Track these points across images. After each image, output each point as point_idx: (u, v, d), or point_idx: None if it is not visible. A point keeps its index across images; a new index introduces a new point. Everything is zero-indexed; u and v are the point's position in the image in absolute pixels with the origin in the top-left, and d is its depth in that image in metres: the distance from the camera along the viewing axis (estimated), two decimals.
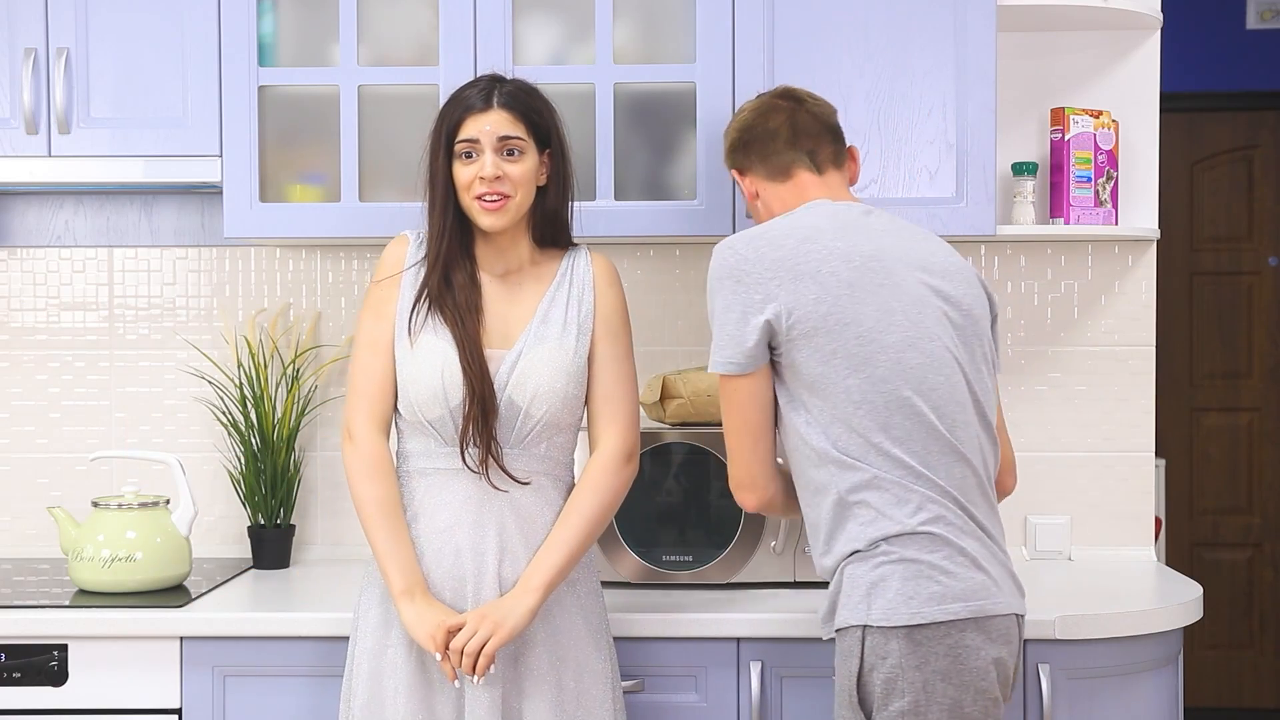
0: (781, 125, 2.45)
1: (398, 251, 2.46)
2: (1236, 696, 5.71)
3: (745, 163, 2.50)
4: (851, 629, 2.23)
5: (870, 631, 2.20)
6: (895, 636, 2.19)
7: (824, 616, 2.30)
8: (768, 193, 2.48)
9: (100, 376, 3.25)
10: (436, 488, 2.38)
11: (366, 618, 2.40)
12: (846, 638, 2.24)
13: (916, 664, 2.18)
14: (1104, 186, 3.05)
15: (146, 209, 3.25)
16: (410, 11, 2.88)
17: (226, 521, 3.24)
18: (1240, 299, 5.69)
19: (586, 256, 2.48)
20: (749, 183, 2.50)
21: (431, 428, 2.37)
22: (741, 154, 2.50)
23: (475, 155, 2.37)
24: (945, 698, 2.19)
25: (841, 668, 2.24)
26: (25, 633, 2.61)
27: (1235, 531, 5.72)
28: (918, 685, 2.18)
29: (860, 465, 2.23)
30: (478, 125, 2.37)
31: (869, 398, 2.24)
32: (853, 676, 2.22)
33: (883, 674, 2.19)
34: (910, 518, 2.21)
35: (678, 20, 2.86)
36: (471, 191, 2.37)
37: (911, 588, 2.19)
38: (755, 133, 2.48)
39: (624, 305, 2.49)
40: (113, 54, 2.88)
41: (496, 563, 2.35)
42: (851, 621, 2.22)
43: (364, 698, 2.35)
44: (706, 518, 2.79)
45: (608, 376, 2.44)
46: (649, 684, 2.60)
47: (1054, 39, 3.15)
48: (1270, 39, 5.64)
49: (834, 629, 2.27)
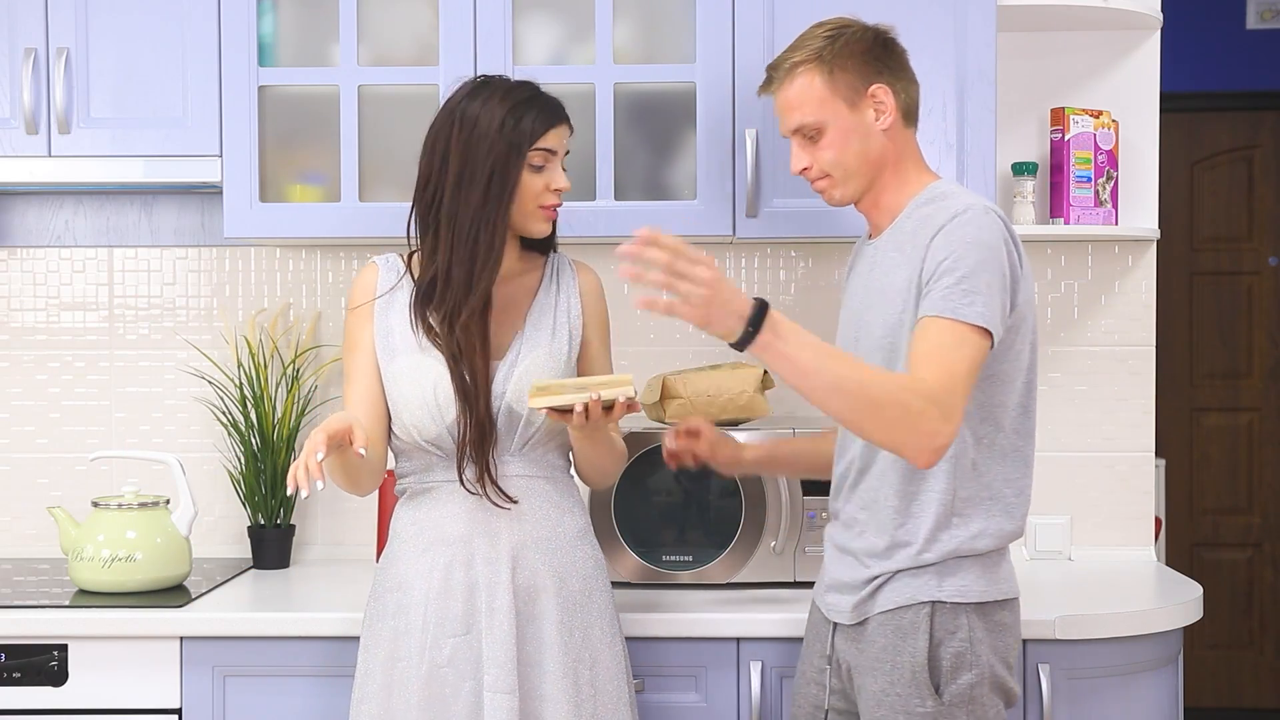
0: (908, 59, 2.29)
1: (368, 279, 2.44)
2: (1236, 696, 5.71)
3: (895, 82, 2.24)
4: (917, 605, 2.24)
5: (940, 607, 2.22)
6: (965, 612, 2.22)
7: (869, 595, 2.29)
8: (899, 130, 2.25)
9: (100, 376, 3.25)
10: (441, 501, 2.38)
11: (378, 629, 2.38)
12: (907, 614, 2.24)
13: (983, 638, 2.23)
14: (1104, 186, 3.05)
15: (146, 209, 3.25)
16: (410, 11, 2.88)
17: (226, 521, 3.24)
18: (1240, 299, 5.69)
19: (571, 266, 2.49)
20: (892, 107, 2.22)
21: (432, 446, 2.36)
22: (891, 71, 2.24)
23: (544, 168, 2.36)
24: (1001, 672, 2.25)
25: (903, 645, 2.25)
26: (25, 633, 2.61)
27: (1235, 531, 5.72)
28: (984, 661, 2.22)
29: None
30: (559, 137, 2.38)
31: (1031, 387, 2.25)
32: (921, 652, 2.23)
33: (952, 648, 2.22)
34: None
35: (678, 20, 2.87)
36: (540, 200, 2.36)
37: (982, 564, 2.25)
38: (897, 53, 2.26)
39: (606, 310, 2.52)
40: (113, 54, 2.88)
41: (510, 570, 2.34)
42: (919, 598, 2.24)
43: (376, 710, 2.35)
44: (706, 518, 2.79)
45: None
46: (649, 684, 2.60)
47: (1054, 39, 3.15)
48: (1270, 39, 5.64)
49: (892, 606, 2.27)
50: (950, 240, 2.14)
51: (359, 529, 3.23)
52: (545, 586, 2.36)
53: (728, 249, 3.20)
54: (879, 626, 2.25)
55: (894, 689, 2.22)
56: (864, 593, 2.27)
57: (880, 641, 2.24)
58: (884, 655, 2.24)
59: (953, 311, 2.09)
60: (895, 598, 2.24)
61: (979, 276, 2.11)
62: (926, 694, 2.20)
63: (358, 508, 3.23)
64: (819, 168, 2.28)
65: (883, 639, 2.24)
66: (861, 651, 2.28)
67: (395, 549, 2.40)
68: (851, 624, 2.30)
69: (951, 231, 2.14)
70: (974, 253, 2.12)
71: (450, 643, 2.32)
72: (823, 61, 2.24)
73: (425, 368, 2.34)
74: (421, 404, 2.34)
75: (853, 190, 2.29)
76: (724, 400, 2.79)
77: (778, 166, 2.82)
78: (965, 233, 2.13)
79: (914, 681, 2.21)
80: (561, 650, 2.35)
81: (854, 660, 2.30)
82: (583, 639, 2.37)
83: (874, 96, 2.25)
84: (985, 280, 2.11)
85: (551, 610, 2.35)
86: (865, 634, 2.28)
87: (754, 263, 3.20)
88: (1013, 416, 2.24)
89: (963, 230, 2.14)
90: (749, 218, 2.82)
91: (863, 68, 2.24)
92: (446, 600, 2.34)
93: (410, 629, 2.34)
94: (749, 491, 2.77)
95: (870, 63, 2.25)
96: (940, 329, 2.09)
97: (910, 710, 2.21)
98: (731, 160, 2.82)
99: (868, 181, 2.28)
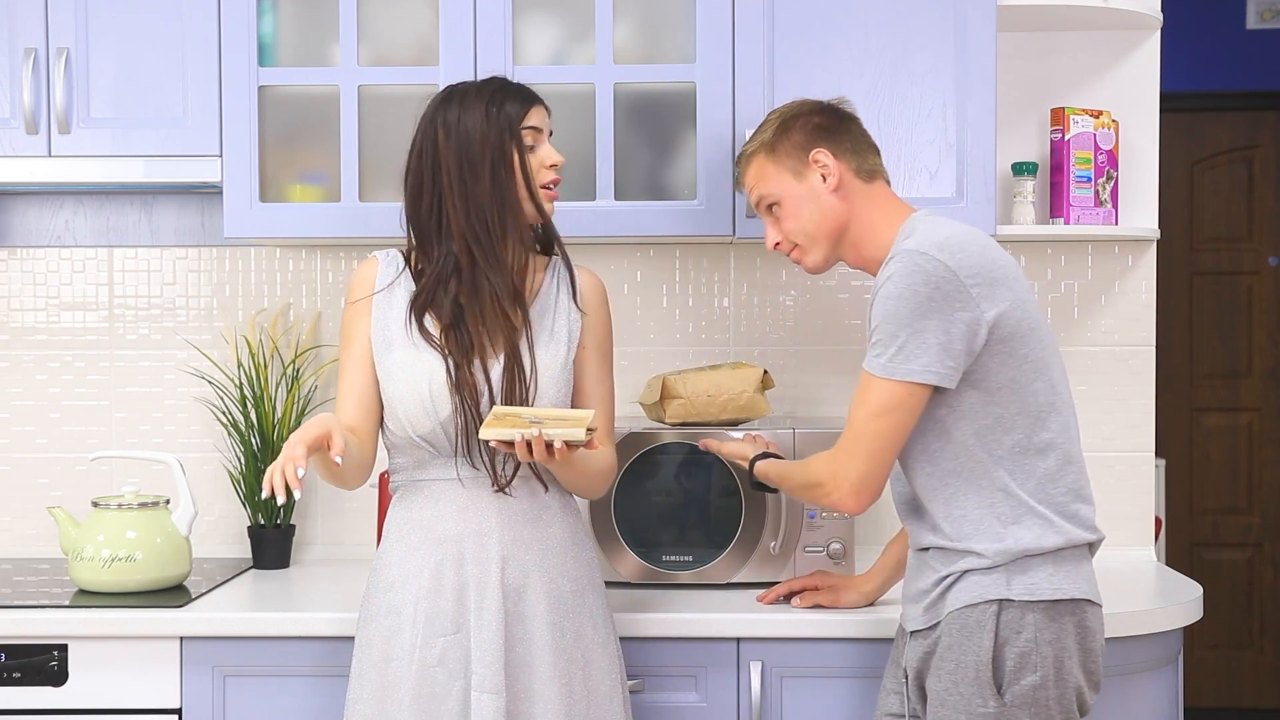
0: (859, 126, 2.45)
1: (367, 273, 2.44)
2: (1236, 696, 5.71)
3: (838, 146, 2.39)
4: (985, 603, 2.25)
5: (1007, 605, 2.24)
6: (1032, 611, 2.24)
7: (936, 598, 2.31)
8: (853, 188, 2.39)
9: (100, 376, 3.25)
10: (433, 499, 2.38)
11: (371, 630, 2.38)
12: (974, 612, 2.25)
13: (1051, 639, 2.24)
14: (1104, 186, 3.05)
15: (146, 209, 3.25)
16: (410, 11, 2.88)
17: (226, 521, 3.24)
18: (1240, 299, 5.70)
19: (575, 269, 2.48)
20: (836, 168, 2.38)
21: (424, 441, 2.37)
22: (833, 136, 2.40)
23: (536, 146, 2.39)
24: (1072, 676, 2.25)
25: (968, 644, 2.26)
26: (25, 633, 2.61)
27: (1235, 531, 5.72)
28: (1050, 663, 2.24)
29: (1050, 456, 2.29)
30: (540, 115, 2.40)
31: (1051, 400, 2.28)
32: (985, 651, 2.24)
33: (1017, 648, 2.23)
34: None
35: (678, 20, 2.87)
36: (542, 178, 2.39)
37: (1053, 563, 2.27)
38: (843, 120, 2.42)
39: (609, 320, 2.50)
40: (113, 54, 2.88)
41: (499, 570, 2.34)
42: (989, 596, 2.25)
43: (370, 711, 2.35)
44: (706, 518, 2.79)
45: (592, 393, 2.46)
46: (649, 684, 2.60)
47: (1054, 39, 3.15)
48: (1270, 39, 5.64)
49: (959, 605, 2.28)
50: (880, 304, 2.26)
51: (359, 529, 3.23)
52: (535, 587, 2.35)
53: (728, 249, 3.20)
54: (946, 626, 2.27)
55: (957, 688, 2.24)
56: (934, 594, 2.30)
57: (946, 641, 2.26)
58: (948, 654, 2.25)
59: (868, 365, 2.26)
60: (963, 596, 2.26)
61: (899, 331, 2.23)
62: (989, 694, 2.22)
63: (358, 508, 3.23)
64: (786, 239, 2.43)
65: (948, 638, 2.26)
66: (929, 653, 2.30)
67: (387, 549, 2.41)
68: (923, 628, 2.31)
69: (881, 295, 2.27)
70: (897, 307, 2.23)
71: (440, 642, 2.32)
72: (765, 145, 2.43)
73: (421, 363, 2.35)
74: (416, 399, 2.34)
75: (820, 255, 2.42)
76: (724, 400, 2.79)
77: None
78: (888, 291, 2.24)
79: (976, 680, 2.22)
80: (552, 651, 2.34)
81: (923, 664, 2.31)
82: (575, 640, 2.37)
83: (816, 161, 2.39)
84: (908, 331, 2.22)
85: (541, 611, 2.35)
86: (933, 635, 2.29)
87: (754, 263, 3.20)
88: (1038, 417, 2.27)
89: (886, 291, 2.25)
90: (749, 218, 2.81)
91: (804, 140, 2.40)
92: (436, 599, 2.34)
93: (402, 628, 2.34)
94: (748, 492, 2.77)
95: (811, 133, 2.40)
96: (861, 384, 2.29)
97: (971, 710, 2.22)
98: (731, 160, 2.82)
99: (831, 244, 2.42)
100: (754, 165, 2.44)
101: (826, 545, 2.79)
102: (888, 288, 2.24)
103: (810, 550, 2.79)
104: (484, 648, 2.31)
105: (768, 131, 2.43)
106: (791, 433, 2.78)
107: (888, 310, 2.23)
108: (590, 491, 2.46)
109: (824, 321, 3.19)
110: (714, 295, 3.21)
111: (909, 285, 2.22)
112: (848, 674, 2.59)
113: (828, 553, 2.78)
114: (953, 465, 2.28)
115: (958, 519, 2.28)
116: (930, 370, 2.21)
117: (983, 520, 2.26)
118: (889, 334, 2.23)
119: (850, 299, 3.19)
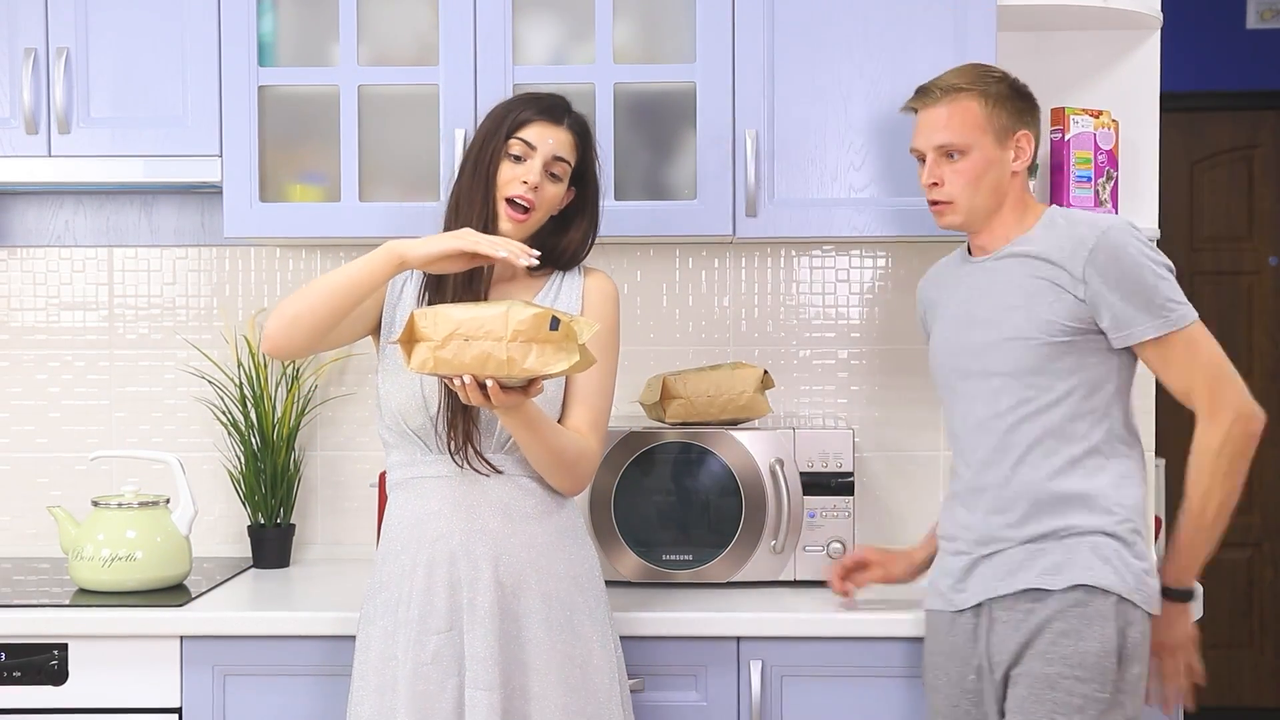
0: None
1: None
2: (1237, 696, 5.71)
3: (1035, 130, 2.46)
4: (1102, 591, 2.32)
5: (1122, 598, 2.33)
6: (1135, 604, 2.34)
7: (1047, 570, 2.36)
8: (1022, 177, 2.47)
9: (100, 376, 3.26)
10: (424, 496, 2.38)
11: (371, 629, 2.39)
12: (1095, 600, 2.31)
13: (1146, 634, 2.35)
14: (1104, 186, 3.05)
15: (146, 209, 3.25)
16: (410, 11, 2.88)
17: (226, 521, 3.24)
18: (1240, 299, 5.69)
19: (580, 271, 2.48)
20: (1029, 158, 2.45)
21: (415, 436, 2.37)
22: (1036, 125, 2.47)
23: (523, 160, 2.38)
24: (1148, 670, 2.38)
25: (1089, 631, 2.30)
26: (25, 632, 2.61)
27: (1235, 531, 5.71)
28: (1145, 656, 2.33)
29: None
30: (543, 135, 2.39)
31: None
32: (1110, 640, 2.30)
33: (1131, 639, 2.31)
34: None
35: (678, 20, 2.87)
36: (506, 192, 2.38)
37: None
38: (1037, 107, 2.48)
39: (615, 323, 2.48)
40: (113, 54, 2.88)
41: (492, 567, 2.34)
42: (1102, 583, 2.32)
43: (370, 712, 2.35)
44: (706, 517, 2.79)
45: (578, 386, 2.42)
46: (649, 683, 2.60)
47: (1054, 39, 3.15)
48: (1270, 39, 5.64)
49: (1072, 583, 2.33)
50: (1143, 273, 2.37)
51: (359, 528, 3.23)
52: (528, 584, 2.35)
53: (728, 249, 3.20)
54: (1063, 609, 2.32)
55: (1073, 673, 2.29)
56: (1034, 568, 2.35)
57: (1060, 625, 2.31)
58: (1061, 639, 2.31)
59: (1184, 320, 2.37)
60: (1076, 576, 2.33)
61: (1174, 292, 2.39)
62: (1108, 679, 2.29)
63: (358, 507, 3.23)
64: (948, 190, 2.44)
65: (1062, 624, 2.31)
66: (1029, 634, 2.33)
67: (383, 548, 2.41)
68: (1015, 602, 2.35)
69: (1133, 262, 2.36)
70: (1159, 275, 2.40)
71: (434, 640, 2.32)
72: (987, 95, 2.42)
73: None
74: (409, 394, 2.35)
75: (961, 221, 2.45)
76: (724, 400, 2.79)
77: (777, 166, 2.83)
78: (1139, 260, 2.35)
79: (1098, 668, 2.28)
80: (549, 649, 2.34)
81: (1011, 644, 2.35)
82: (572, 638, 2.37)
83: (1018, 141, 2.44)
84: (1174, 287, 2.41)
85: (536, 608, 2.35)
86: (1035, 617, 2.33)
87: (754, 263, 3.20)
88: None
89: (1137, 260, 2.35)
90: (749, 218, 2.82)
91: (1016, 113, 2.44)
92: (430, 597, 2.34)
93: (398, 626, 2.35)
94: (749, 491, 2.77)
95: (1021, 111, 2.45)
96: (1186, 339, 2.39)
97: (1087, 695, 2.28)
98: (731, 160, 2.82)
99: (985, 215, 2.44)
100: (962, 105, 2.43)
101: (827, 545, 2.79)
102: (1136, 257, 2.32)
103: (810, 550, 2.79)
104: (477, 644, 2.31)
105: (990, 84, 2.43)
106: (791, 432, 2.78)
107: (1159, 282, 2.33)
108: (557, 473, 2.35)
109: (824, 321, 3.19)
110: (714, 295, 3.21)
111: (1137, 243, 2.34)
112: (848, 674, 2.59)
113: (827, 552, 2.78)
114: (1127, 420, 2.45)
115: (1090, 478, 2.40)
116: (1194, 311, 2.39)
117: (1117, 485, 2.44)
118: (1173, 294, 2.35)
119: (850, 299, 3.20)
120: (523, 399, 2.19)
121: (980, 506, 2.41)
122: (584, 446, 2.37)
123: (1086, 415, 2.37)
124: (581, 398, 2.41)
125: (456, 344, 2.10)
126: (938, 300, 2.56)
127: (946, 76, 2.46)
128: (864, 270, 3.20)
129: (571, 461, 2.34)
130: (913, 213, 2.81)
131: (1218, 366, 2.36)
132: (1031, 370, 2.36)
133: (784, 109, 2.83)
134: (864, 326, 3.19)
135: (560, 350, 2.10)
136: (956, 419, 2.47)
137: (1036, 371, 2.36)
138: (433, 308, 2.14)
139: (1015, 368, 2.37)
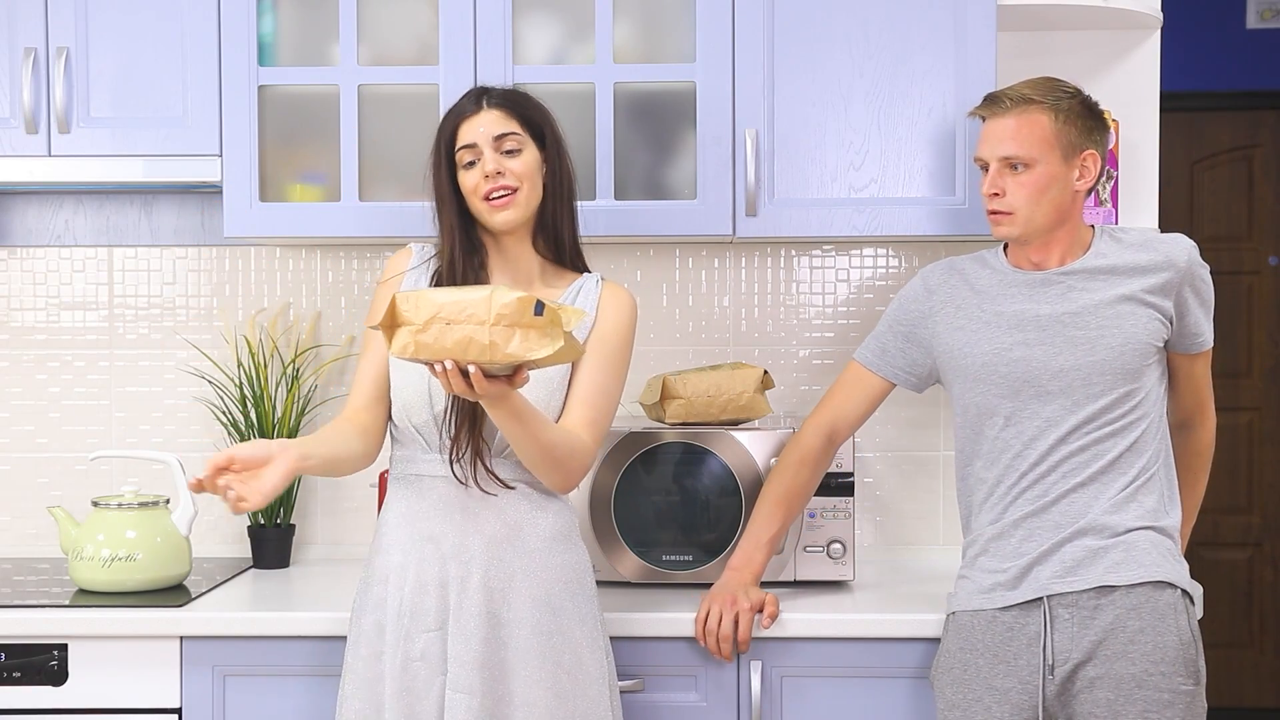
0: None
1: (400, 260, 2.50)
2: (1236, 696, 5.71)
3: (1101, 151, 2.45)
4: (1172, 587, 2.36)
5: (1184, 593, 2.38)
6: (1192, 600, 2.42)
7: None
8: (1082, 195, 2.46)
9: (100, 376, 3.25)
10: (422, 494, 2.38)
11: (362, 625, 2.40)
12: (1164, 594, 2.35)
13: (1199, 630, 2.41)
14: (1104, 186, 3.05)
15: (146, 208, 3.25)
16: (410, 11, 2.88)
17: (226, 521, 3.24)
18: (1240, 299, 5.70)
19: (599, 283, 2.47)
20: (1094, 179, 2.44)
21: (417, 433, 2.37)
22: (1104, 146, 2.46)
23: (476, 161, 2.39)
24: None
25: (1164, 626, 2.33)
26: (25, 632, 2.61)
27: (1235, 531, 5.72)
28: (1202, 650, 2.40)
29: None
30: (472, 128, 2.39)
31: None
32: (1186, 632, 2.34)
33: (1195, 630, 2.38)
34: None
35: (678, 20, 2.87)
36: (479, 193, 2.38)
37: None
38: (1106, 125, 2.47)
39: (627, 332, 2.44)
40: (113, 54, 2.88)
41: (483, 570, 2.34)
42: (1170, 578, 2.37)
43: (360, 706, 2.35)
44: (706, 517, 2.79)
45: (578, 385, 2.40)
46: (649, 684, 2.60)
47: (1054, 39, 3.15)
48: (1270, 39, 5.64)
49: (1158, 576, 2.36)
50: (1205, 291, 2.47)
51: (359, 529, 3.23)
52: (518, 588, 2.35)
53: (728, 249, 3.20)
54: (1135, 606, 2.34)
55: (1158, 668, 2.30)
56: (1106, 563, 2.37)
57: (1135, 623, 2.33)
58: (1140, 636, 2.32)
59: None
60: (1148, 572, 2.35)
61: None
62: (1191, 672, 2.31)
63: (357, 508, 3.23)
64: (1009, 201, 2.41)
65: (1137, 621, 2.32)
66: (1101, 633, 2.34)
67: (377, 544, 2.42)
68: (1092, 598, 2.35)
69: (1205, 282, 2.47)
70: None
71: (423, 637, 2.33)
72: (1058, 110, 2.40)
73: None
74: (415, 389, 2.36)
75: (1019, 232, 2.42)
76: (724, 400, 2.79)
77: (778, 166, 2.83)
78: (1205, 278, 2.46)
79: (1181, 659, 2.31)
80: (536, 655, 2.33)
81: (1083, 642, 2.35)
82: (561, 642, 2.36)
83: (1084, 161, 2.42)
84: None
85: (525, 612, 2.34)
86: (1105, 614, 2.34)
87: (754, 262, 3.20)
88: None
89: (1204, 277, 2.46)
90: (749, 217, 2.82)
91: (1085, 130, 2.42)
92: (421, 595, 2.34)
93: (388, 621, 2.36)
94: (749, 491, 2.77)
95: (1090, 130, 2.42)
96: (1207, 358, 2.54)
97: (1175, 689, 2.30)
98: (731, 160, 2.82)
99: (1043, 230, 2.43)
100: (1032, 117, 2.40)
101: (826, 545, 2.79)
102: (1205, 275, 2.43)
103: (810, 550, 2.79)
104: (460, 646, 2.31)
105: (1062, 98, 2.41)
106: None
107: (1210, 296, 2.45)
108: (547, 469, 2.29)
109: (824, 321, 3.19)
110: (714, 295, 3.21)
111: (1197, 262, 2.44)
112: (848, 674, 2.59)
113: (827, 552, 2.78)
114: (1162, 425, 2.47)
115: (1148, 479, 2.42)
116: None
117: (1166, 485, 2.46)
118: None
119: (850, 299, 3.19)
120: (507, 389, 2.11)
121: (1041, 527, 2.40)
122: (576, 444, 2.32)
123: (1151, 427, 2.41)
124: (583, 397, 2.39)
125: (438, 328, 2.04)
126: (964, 304, 2.50)
127: (1018, 87, 2.43)
128: (864, 270, 3.20)
129: (562, 458, 2.29)
130: (913, 213, 2.81)
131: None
132: (1119, 388, 2.38)
133: (784, 109, 2.83)
134: (864, 327, 3.19)
135: (545, 336, 2.04)
136: (1011, 433, 2.42)
137: (1123, 390, 2.39)
138: (415, 291, 2.09)
139: (1104, 387, 2.38)
